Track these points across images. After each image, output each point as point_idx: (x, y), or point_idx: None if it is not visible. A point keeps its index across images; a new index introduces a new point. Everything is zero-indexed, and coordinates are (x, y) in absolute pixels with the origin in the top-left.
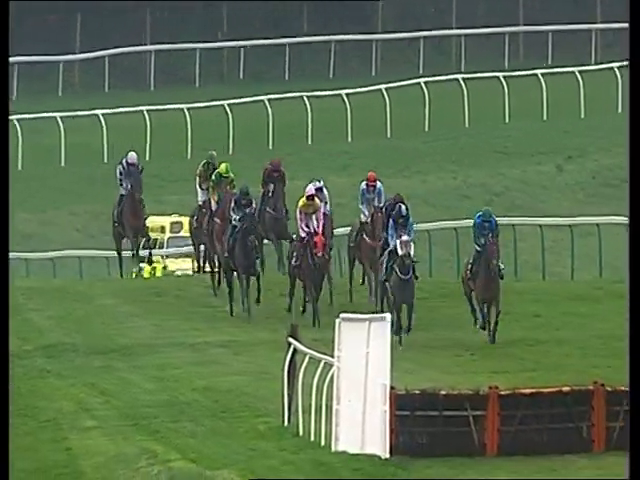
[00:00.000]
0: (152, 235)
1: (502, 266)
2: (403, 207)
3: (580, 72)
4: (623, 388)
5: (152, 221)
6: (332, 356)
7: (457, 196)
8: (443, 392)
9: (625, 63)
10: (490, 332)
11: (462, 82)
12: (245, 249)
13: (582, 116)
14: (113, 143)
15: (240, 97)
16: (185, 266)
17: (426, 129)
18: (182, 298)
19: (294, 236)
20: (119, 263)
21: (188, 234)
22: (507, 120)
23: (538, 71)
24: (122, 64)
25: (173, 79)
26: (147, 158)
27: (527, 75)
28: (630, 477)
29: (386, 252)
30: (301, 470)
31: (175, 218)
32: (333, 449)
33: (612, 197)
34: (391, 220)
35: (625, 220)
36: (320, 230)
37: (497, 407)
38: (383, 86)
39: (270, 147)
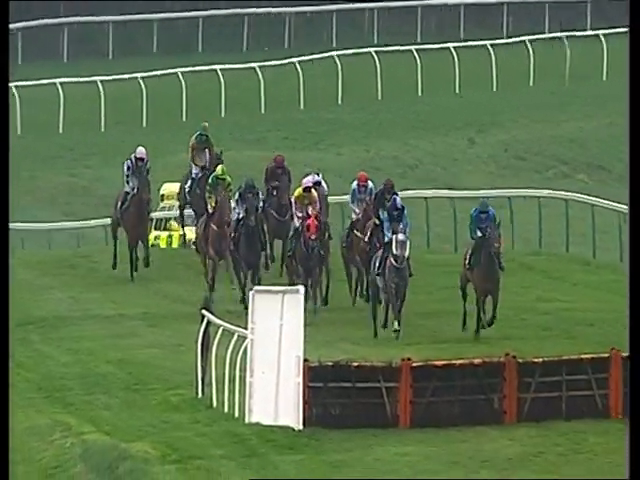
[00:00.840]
0: (167, 203)
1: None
2: (398, 199)
3: (492, 45)
4: (534, 360)
5: (167, 189)
6: (246, 328)
7: (370, 169)
8: (356, 364)
9: (535, 37)
10: (481, 323)
11: (375, 55)
12: (251, 243)
13: (494, 89)
14: (27, 115)
15: (154, 70)
16: None
17: (339, 102)
18: (97, 270)
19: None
20: (114, 257)
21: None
22: (420, 93)
23: (450, 44)
24: (36, 37)
25: (86, 52)
26: (61, 131)
27: (440, 49)
28: (630, 477)
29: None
30: (215, 442)
31: None
32: (247, 421)
33: (523, 169)
34: (386, 212)
35: (536, 192)
36: (313, 214)
37: (409, 379)
38: (296, 59)
39: (184, 119)
